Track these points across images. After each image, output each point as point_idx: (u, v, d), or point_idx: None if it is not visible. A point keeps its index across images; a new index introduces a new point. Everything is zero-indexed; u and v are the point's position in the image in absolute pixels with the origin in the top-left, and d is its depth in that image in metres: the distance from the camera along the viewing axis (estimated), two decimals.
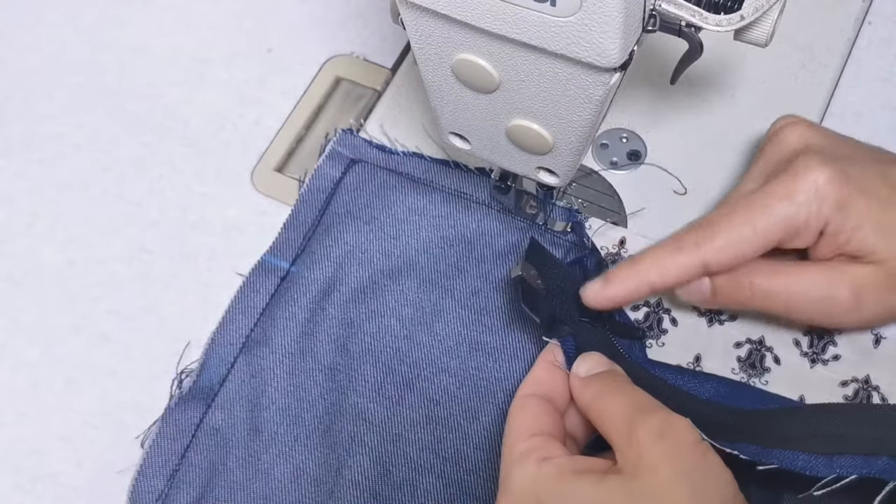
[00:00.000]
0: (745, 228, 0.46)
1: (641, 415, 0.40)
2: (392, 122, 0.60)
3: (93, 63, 0.65)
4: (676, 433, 0.39)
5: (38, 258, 0.58)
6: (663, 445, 0.38)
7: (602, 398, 0.42)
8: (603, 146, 0.58)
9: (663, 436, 0.39)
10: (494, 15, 0.38)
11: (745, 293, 0.47)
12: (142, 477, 0.50)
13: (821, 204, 0.45)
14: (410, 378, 0.51)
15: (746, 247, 0.46)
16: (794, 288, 0.47)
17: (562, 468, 0.39)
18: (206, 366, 0.52)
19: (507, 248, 0.54)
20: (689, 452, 0.38)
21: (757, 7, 0.40)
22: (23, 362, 0.55)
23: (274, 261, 0.55)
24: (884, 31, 0.61)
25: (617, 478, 0.38)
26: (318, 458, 0.50)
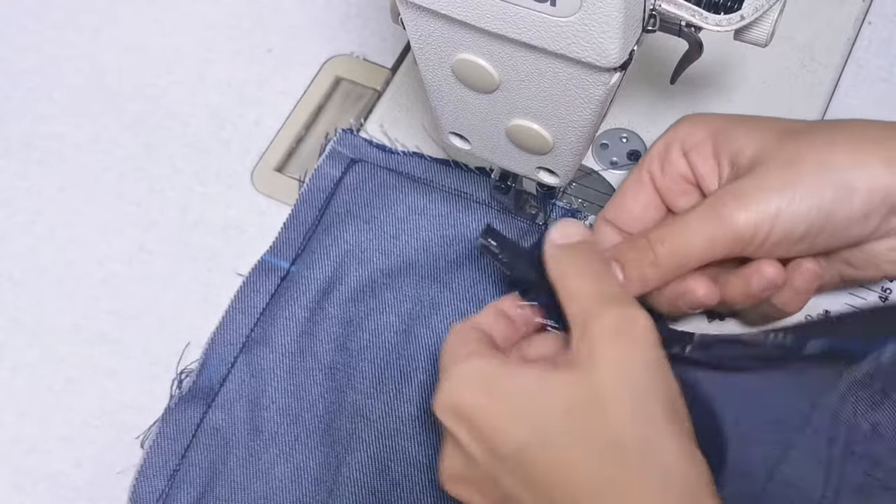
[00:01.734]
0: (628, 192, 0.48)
1: (599, 307, 0.39)
2: (392, 121, 0.60)
3: (93, 63, 0.65)
4: (633, 332, 0.38)
5: (38, 258, 0.58)
6: (615, 345, 0.38)
7: (567, 278, 0.41)
8: (603, 146, 0.58)
9: (618, 334, 0.38)
10: (494, 15, 0.38)
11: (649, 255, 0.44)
12: (142, 477, 0.50)
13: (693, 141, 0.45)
14: (409, 371, 0.51)
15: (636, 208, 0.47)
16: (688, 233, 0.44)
17: (512, 359, 0.40)
18: (207, 365, 0.52)
19: None
20: (644, 356, 0.38)
21: (757, 7, 0.40)
22: (23, 362, 0.55)
23: (274, 260, 0.55)
24: (884, 31, 0.61)
25: (563, 372, 0.38)
26: (319, 457, 0.50)
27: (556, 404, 0.37)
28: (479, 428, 0.38)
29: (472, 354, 0.40)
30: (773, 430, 0.44)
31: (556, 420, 0.37)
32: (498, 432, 0.38)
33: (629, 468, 0.36)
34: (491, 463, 0.38)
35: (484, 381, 0.39)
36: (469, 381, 0.39)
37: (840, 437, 0.43)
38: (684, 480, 0.36)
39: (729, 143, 0.44)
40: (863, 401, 0.43)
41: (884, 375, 0.42)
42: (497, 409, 0.38)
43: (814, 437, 0.43)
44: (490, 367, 0.39)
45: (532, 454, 0.37)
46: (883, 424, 0.43)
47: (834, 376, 0.43)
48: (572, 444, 0.37)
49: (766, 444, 0.44)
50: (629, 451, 0.36)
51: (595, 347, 0.38)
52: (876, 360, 0.42)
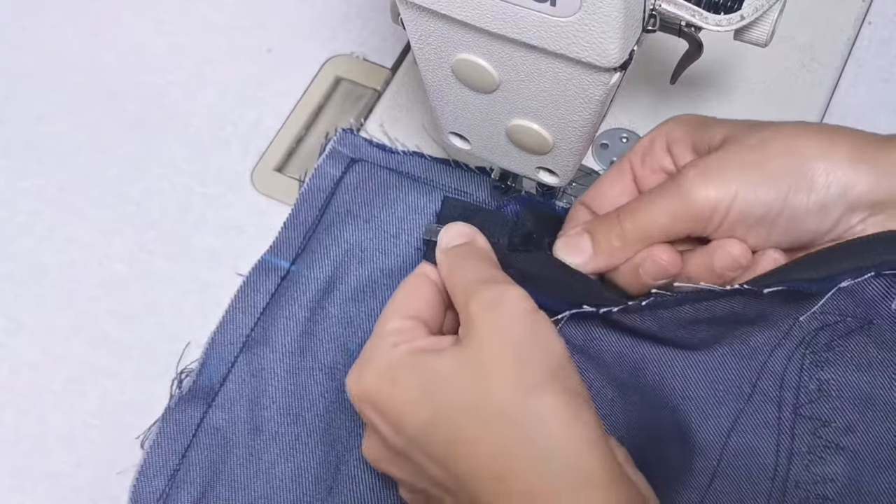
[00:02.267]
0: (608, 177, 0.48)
1: (477, 287, 0.41)
2: (392, 121, 0.60)
3: (92, 63, 0.65)
4: (507, 304, 0.40)
5: (38, 258, 0.58)
6: (493, 316, 0.40)
7: (452, 273, 0.44)
8: (603, 146, 0.58)
9: (494, 307, 0.40)
10: (494, 15, 0.38)
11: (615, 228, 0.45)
12: (143, 477, 0.50)
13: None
14: None
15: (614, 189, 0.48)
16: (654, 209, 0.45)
17: (413, 348, 0.42)
18: (207, 365, 0.52)
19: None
20: (519, 322, 0.40)
21: (757, 7, 0.40)
22: (23, 362, 0.55)
23: (274, 260, 0.55)
24: (884, 31, 0.61)
25: (453, 350, 0.40)
26: (319, 456, 0.50)
27: (449, 383, 0.40)
28: (385, 411, 0.41)
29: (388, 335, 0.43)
30: (722, 401, 0.45)
31: (449, 398, 0.39)
32: (403, 415, 0.40)
33: (517, 437, 0.38)
34: (401, 443, 0.41)
35: (390, 368, 0.41)
36: (378, 367, 0.42)
37: (788, 400, 0.44)
38: (566, 441, 0.37)
39: (705, 132, 0.45)
40: (808, 359, 0.43)
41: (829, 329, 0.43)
42: (399, 394, 0.41)
43: (762, 404, 0.44)
44: (395, 355, 0.41)
45: (433, 432, 0.39)
46: (828, 382, 0.43)
47: (779, 337, 0.44)
48: (465, 420, 0.39)
49: (716, 416, 0.45)
50: (515, 421, 0.38)
51: (474, 324, 0.40)
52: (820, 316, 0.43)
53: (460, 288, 0.42)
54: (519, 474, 0.37)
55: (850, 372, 0.43)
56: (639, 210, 0.45)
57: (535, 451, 0.37)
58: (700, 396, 0.45)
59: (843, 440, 0.43)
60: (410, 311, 0.44)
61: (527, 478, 0.37)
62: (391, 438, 0.41)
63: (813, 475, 0.43)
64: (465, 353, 0.40)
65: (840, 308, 0.42)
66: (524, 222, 0.50)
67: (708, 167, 0.43)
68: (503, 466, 0.37)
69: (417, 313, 0.44)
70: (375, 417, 0.42)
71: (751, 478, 0.44)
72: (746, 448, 0.44)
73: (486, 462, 0.38)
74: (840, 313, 0.43)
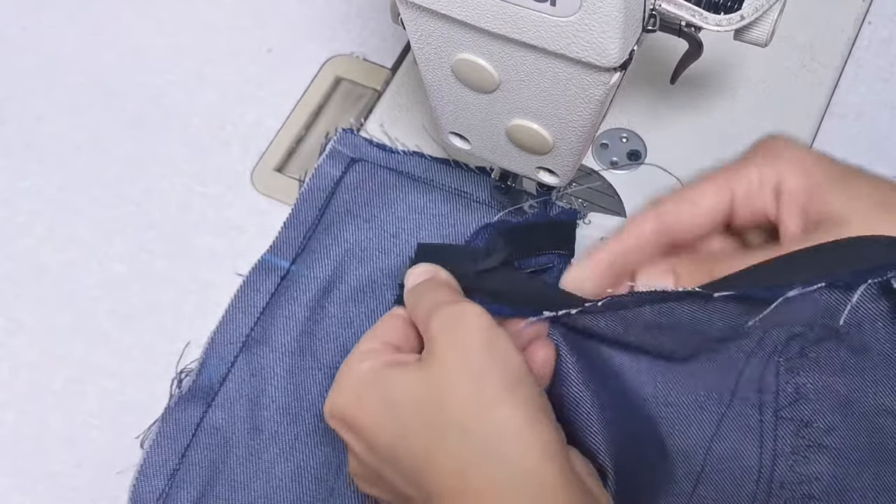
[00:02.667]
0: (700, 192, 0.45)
1: (437, 308, 0.42)
2: (392, 121, 0.60)
3: (92, 63, 0.65)
4: (465, 322, 0.41)
5: (38, 258, 0.58)
6: (452, 335, 0.41)
7: (416, 305, 0.45)
8: (603, 146, 0.58)
9: (453, 326, 0.41)
10: (494, 15, 0.38)
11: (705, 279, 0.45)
12: (142, 476, 0.50)
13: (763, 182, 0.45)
14: None
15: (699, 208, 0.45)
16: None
17: (377, 364, 0.42)
18: (206, 365, 0.52)
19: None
20: (476, 338, 0.40)
21: (757, 7, 0.40)
22: (23, 362, 0.55)
23: (274, 260, 0.55)
24: (884, 31, 0.61)
25: (415, 366, 0.41)
26: (319, 456, 0.50)
27: (410, 400, 0.40)
28: (355, 430, 0.42)
29: (355, 355, 0.43)
30: (703, 407, 0.45)
31: (410, 414, 0.40)
32: (371, 432, 0.41)
33: (476, 450, 0.38)
34: (374, 460, 0.41)
35: (355, 386, 0.42)
36: (345, 387, 0.42)
37: (768, 403, 0.44)
38: (524, 453, 0.38)
39: (824, 201, 0.44)
40: (783, 365, 0.43)
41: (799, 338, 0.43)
42: (367, 411, 0.41)
43: (743, 408, 0.44)
44: (361, 372, 0.42)
45: (399, 450, 0.40)
46: (805, 386, 0.43)
47: (751, 346, 0.44)
48: (426, 435, 0.39)
49: (698, 422, 0.45)
50: (474, 434, 0.38)
51: (434, 343, 0.41)
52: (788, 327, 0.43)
53: (422, 314, 0.43)
54: (478, 487, 0.38)
55: (825, 376, 0.43)
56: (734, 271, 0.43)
57: (493, 464, 0.38)
58: (681, 403, 0.45)
59: (825, 439, 0.43)
60: (382, 336, 0.44)
61: (485, 491, 0.37)
62: (366, 458, 0.42)
63: (798, 475, 0.43)
64: (424, 370, 0.40)
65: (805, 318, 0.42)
66: (495, 247, 0.51)
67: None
68: (463, 480, 0.38)
69: (388, 338, 0.44)
70: (350, 438, 0.42)
71: (735, 481, 0.44)
72: (730, 452, 0.44)
73: (447, 477, 0.38)
74: (806, 323, 0.43)
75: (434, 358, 0.40)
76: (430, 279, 0.47)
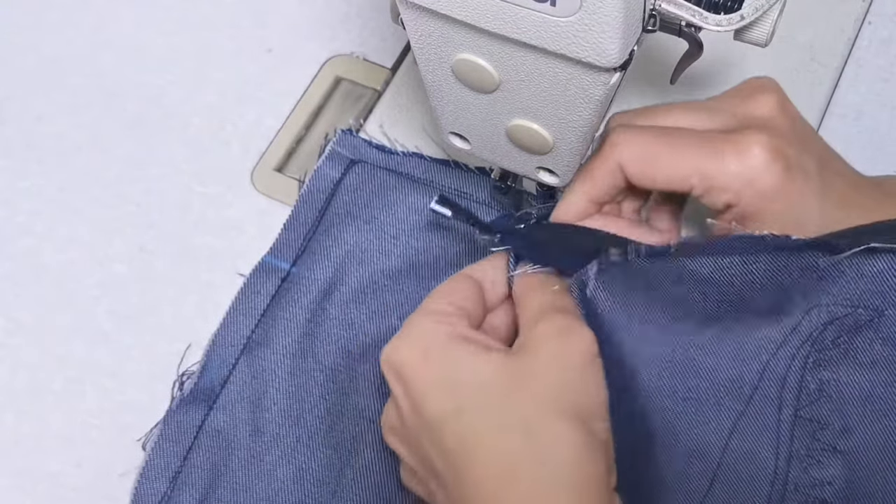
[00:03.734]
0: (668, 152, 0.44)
1: (552, 313, 0.42)
2: (392, 122, 0.60)
3: (92, 63, 0.65)
4: (575, 337, 0.41)
5: (38, 258, 0.58)
6: (556, 341, 0.40)
7: (530, 290, 0.44)
8: None
9: (561, 334, 0.41)
10: (494, 15, 0.38)
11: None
12: (144, 479, 0.50)
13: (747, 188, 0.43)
14: None
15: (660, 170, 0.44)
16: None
17: (455, 331, 0.41)
18: (208, 367, 0.52)
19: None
20: (577, 357, 0.40)
21: (757, 7, 0.40)
22: (23, 362, 0.55)
23: (274, 262, 0.55)
24: (884, 31, 0.61)
25: (501, 353, 0.40)
26: (321, 458, 0.50)
27: (483, 383, 0.39)
28: (409, 387, 0.41)
29: (431, 314, 0.42)
30: (722, 403, 0.44)
31: (475, 397, 0.39)
32: (425, 397, 0.40)
33: (531, 452, 0.38)
34: (416, 423, 0.41)
35: (426, 345, 0.41)
36: (414, 341, 0.42)
37: (788, 401, 0.44)
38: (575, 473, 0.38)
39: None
40: (812, 357, 0.43)
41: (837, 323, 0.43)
42: (428, 374, 0.40)
43: (762, 406, 0.44)
44: (436, 333, 0.41)
45: (448, 424, 0.39)
46: (829, 383, 0.43)
47: (786, 333, 0.44)
48: (487, 420, 0.39)
49: (716, 419, 0.45)
50: (534, 436, 0.38)
51: (536, 342, 0.40)
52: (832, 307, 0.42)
53: (534, 307, 0.43)
54: (520, 489, 0.37)
55: (851, 371, 0.43)
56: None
57: (543, 472, 0.37)
58: (700, 398, 0.45)
59: (839, 443, 0.43)
60: (457, 299, 0.44)
61: (526, 495, 0.37)
62: (408, 416, 0.41)
63: (811, 478, 0.43)
64: (513, 362, 0.40)
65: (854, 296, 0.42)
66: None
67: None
68: (508, 476, 0.37)
69: (463, 304, 0.43)
70: (399, 391, 0.41)
71: (750, 481, 0.44)
72: (746, 450, 0.44)
73: (492, 467, 0.38)
74: (852, 303, 0.43)
75: (528, 354, 0.40)
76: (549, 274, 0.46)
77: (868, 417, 0.43)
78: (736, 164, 0.42)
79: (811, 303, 0.43)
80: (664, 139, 0.44)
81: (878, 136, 0.57)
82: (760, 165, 0.42)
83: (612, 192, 0.46)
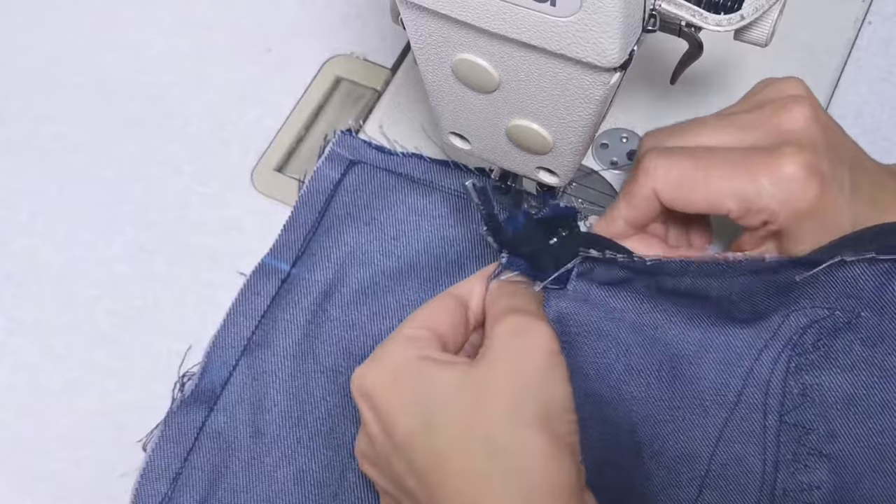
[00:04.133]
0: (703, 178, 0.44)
1: (507, 314, 0.41)
2: (392, 122, 0.60)
3: (93, 63, 0.65)
4: (531, 336, 0.40)
5: (38, 258, 0.58)
6: (513, 343, 0.40)
7: (495, 300, 0.44)
8: (603, 146, 0.58)
9: (516, 335, 0.40)
10: (494, 15, 0.38)
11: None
12: (145, 480, 0.50)
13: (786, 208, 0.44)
14: None
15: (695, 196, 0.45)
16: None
17: (422, 355, 0.41)
18: (208, 369, 0.52)
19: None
20: (535, 356, 0.40)
21: (757, 7, 0.40)
22: (23, 362, 0.55)
23: (274, 263, 0.55)
24: (884, 31, 0.61)
25: (464, 366, 0.40)
26: (322, 460, 0.50)
27: (447, 397, 0.39)
28: (379, 411, 0.41)
29: (401, 339, 0.42)
30: (708, 411, 0.45)
31: (444, 411, 0.39)
32: (395, 417, 0.40)
33: (497, 466, 0.38)
34: (386, 445, 0.41)
35: (395, 368, 0.41)
36: (383, 365, 0.42)
37: (773, 406, 0.44)
38: (542, 482, 0.37)
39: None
40: (794, 361, 0.43)
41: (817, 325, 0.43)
42: (397, 396, 0.40)
43: (748, 412, 0.44)
44: (404, 357, 0.41)
45: (419, 442, 0.39)
46: (812, 387, 0.43)
47: (766, 338, 0.44)
48: (453, 436, 0.39)
49: (703, 427, 0.45)
50: (499, 449, 0.38)
51: (493, 346, 0.40)
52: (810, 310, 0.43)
53: (494, 312, 0.43)
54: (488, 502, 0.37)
55: (833, 374, 0.43)
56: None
57: (509, 485, 0.37)
58: (686, 406, 0.45)
59: (825, 447, 0.43)
60: (430, 324, 0.43)
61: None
62: (379, 440, 0.41)
63: (799, 483, 0.43)
64: (472, 372, 0.40)
65: (830, 299, 0.43)
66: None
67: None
68: (476, 491, 0.38)
69: (436, 328, 0.43)
70: (369, 416, 0.42)
71: (739, 487, 0.44)
72: (734, 457, 0.44)
73: (462, 483, 0.38)
74: (829, 306, 0.43)
75: (485, 361, 0.40)
76: (520, 283, 0.46)
77: (851, 421, 0.43)
78: (772, 186, 0.43)
79: (790, 307, 0.43)
80: (698, 164, 0.44)
81: (878, 136, 0.57)
82: (796, 186, 0.43)
83: (651, 216, 0.47)
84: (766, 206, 0.43)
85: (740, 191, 0.43)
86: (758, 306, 0.44)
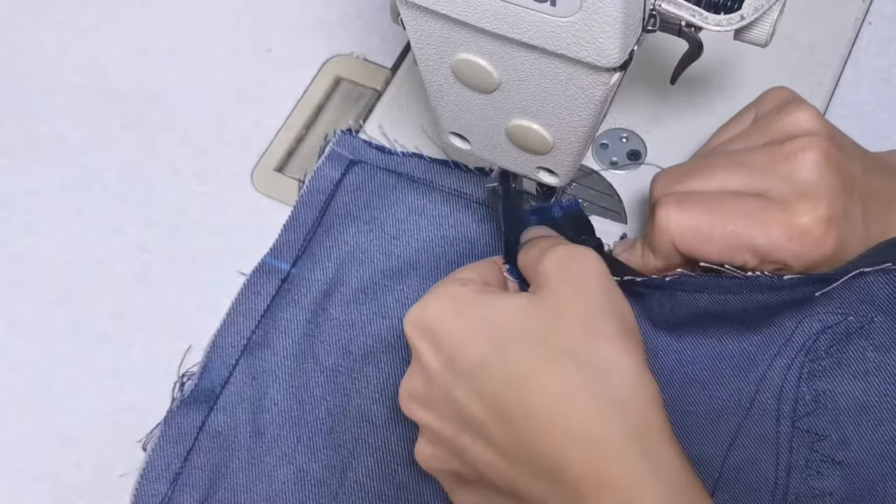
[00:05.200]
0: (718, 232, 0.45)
1: (553, 247, 0.42)
2: (392, 122, 0.60)
3: (93, 63, 0.65)
4: (582, 261, 0.41)
5: (38, 258, 0.58)
6: (568, 270, 0.40)
7: (529, 250, 0.44)
8: (603, 146, 0.58)
9: (568, 262, 0.41)
10: (494, 15, 0.38)
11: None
12: (145, 480, 0.50)
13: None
14: None
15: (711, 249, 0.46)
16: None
17: (481, 288, 0.41)
18: (208, 368, 0.52)
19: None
20: (594, 278, 0.40)
21: (757, 7, 0.40)
22: (23, 362, 0.55)
23: (274, 262, 0.55)
24: (884, 31, 0.61)
25: (523, 295, 0.41)
26: (322, 459, 0.50)
27: (517, 321, 0.39)
28: (441, 342, 0.40)
29: (456, 279, 0.43)
30: (721, 415, 0.45)
31: (516, 334, 0.39)
32: (462, 346, 0.40)
33: (584, 379, 0.37)
34: (447, 376, 0.40)
35: (454, 300, 0.41)
36: (440, 299, 0.41)
37: (785, 412, 0.44)
38: (632, 394, 0.37)
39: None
40: (807, 367, 0.43)
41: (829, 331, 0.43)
42: (462, 325, 0.40)
43: (761, 417, 0.44)
44: (462, 291, 0.41)
45: (491, 367, 0.39)
46: (825, 393, 0.43)
47: (779, 344, 0.44)
48: (531, 356, 0.38)
49: (715, 431, 0.45)
50: (585, 363, 0.38)
51: (549, 277, 0.40)
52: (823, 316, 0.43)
53: (534, 256, 0.43)
54: (578, 416, 0.37)
55: (846, 381, 0.43)
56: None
57: (601, 397, 0.37)
58: (699, 411, 0.45)
59: (838, 454, 0.43)
60: (481, 272, 0.44)
61: (586, 421, 0.36)
62: (437, 373, 0.40)
63: (811, 489, 0.43)
64: (536, 300, 0.40)
65: (844, 304, 0.43)
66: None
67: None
68: (564, 406, 0.37)
69: (485, 276, 0.44)
70: (427, 349, 0.41)
71: (751, 492, 0.44)
72: (746, 462, 0.44)
73: (546, 400, 0.37)
74: (843, 311, 0.43)
75: (546, 289, 0.40)
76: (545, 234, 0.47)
77: (864, 427, 0.43)
78: (788, 242, 0.44)
79: (804, 313, 0.43)
80: (713, 218, 0.45)
81: (878, 136, 0.57)
82: (812, 241, 0.44)
83: (677, 263, 0.47)
84: (782, 259, 0.44)
85: (753, 244, 0.44)
86: (771, 312, 0.44)
